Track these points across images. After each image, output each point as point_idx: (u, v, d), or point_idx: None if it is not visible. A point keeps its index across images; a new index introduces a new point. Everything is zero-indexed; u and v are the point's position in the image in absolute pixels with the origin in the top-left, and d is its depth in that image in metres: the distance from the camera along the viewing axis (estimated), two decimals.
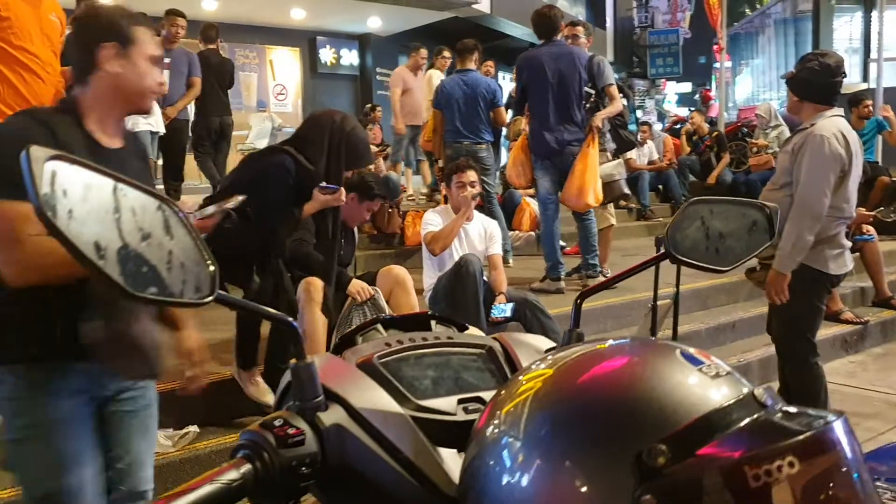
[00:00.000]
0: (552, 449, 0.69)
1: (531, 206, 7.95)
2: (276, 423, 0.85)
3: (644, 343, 0.81)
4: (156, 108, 6.86)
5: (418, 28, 15.91)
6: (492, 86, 6.92)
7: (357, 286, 4.18)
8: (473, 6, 14.96)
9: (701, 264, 1.12)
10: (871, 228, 6.69)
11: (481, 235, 5.01)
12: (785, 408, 0.68)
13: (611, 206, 6.50)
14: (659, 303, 3.90)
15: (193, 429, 3.56)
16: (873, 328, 6.34)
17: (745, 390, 0.69)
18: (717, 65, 15.90)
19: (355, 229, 4.73)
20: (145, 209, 0.79)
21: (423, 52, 8.98)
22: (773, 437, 0.63)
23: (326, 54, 16.22)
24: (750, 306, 6.12)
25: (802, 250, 3.65)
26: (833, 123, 3.66)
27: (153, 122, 6.81)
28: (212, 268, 0.83)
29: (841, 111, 3.81)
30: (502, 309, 4.65)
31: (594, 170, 5.70)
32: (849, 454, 0.64)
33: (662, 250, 1.12)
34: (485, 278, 4.76)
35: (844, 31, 22.47)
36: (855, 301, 6.83)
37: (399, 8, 14.12)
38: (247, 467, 0.82)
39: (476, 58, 7.06)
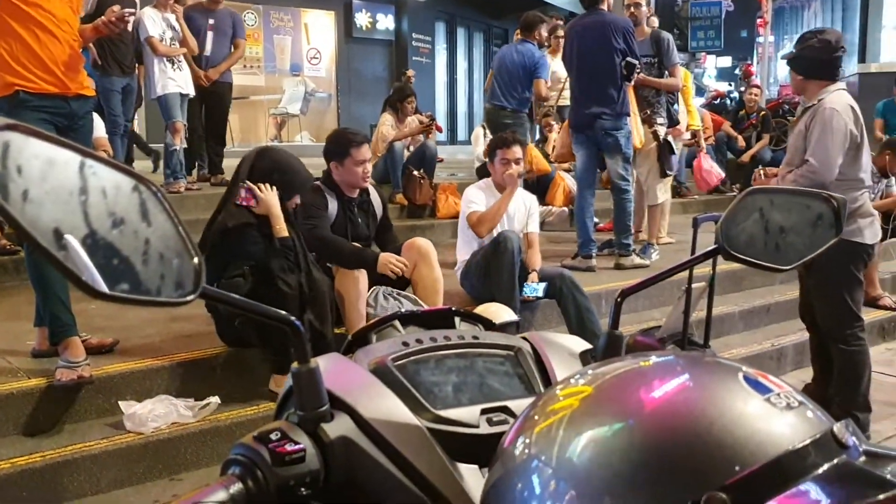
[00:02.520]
0: (589, 481, 0.59)
1: (565, 180, 7.82)
2: (273, 436, 0.76)
3: (699, 362, 0.70)
4: (185, 68, 6.74)
5: None
6: (535, 56, 6.92)
7: (386, 260, 3.97)
8: None
9: (758, 262, 1.00)
10: None
11: (522, 212, 4.85)
12: (869, 448, 0.57)
13: (665, 182, 6.52)
14: (694, 285, 3.78)
15: (214, 400, 3.50)
16: None
17: (823, 427, 0.58)
18: (759, 39, 15.48)
19: (374, 201, 4.41)
20: (119, 190, 0.68)
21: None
22: (860, 489, 0.52)
23: (362, 18, 16.02)
24: (786, 289, 5.94)
25: None
26: (839, 97, 3.72)
27: (183, 84, 6.65)
28: (195, 260, 0.73)
29: (844, 85, 3.87)
30: (534, 288, 4.54)
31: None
32: None
33: (714, 243, 1.01)
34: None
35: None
36: (894, 287, 6.63)
37: None
38: (237, 487, 0.72)
39: (538, 33, 7.10)
